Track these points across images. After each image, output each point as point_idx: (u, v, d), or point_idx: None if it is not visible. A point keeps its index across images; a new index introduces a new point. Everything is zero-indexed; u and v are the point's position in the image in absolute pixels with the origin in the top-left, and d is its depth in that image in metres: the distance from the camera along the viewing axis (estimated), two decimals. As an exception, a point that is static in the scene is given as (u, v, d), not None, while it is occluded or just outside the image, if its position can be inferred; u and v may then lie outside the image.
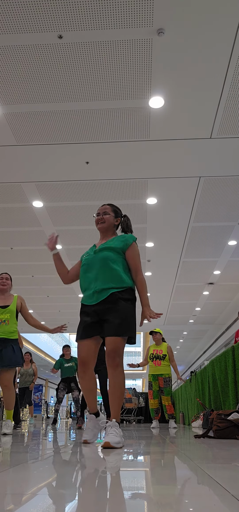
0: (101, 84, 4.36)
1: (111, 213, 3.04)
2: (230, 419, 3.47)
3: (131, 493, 1.06)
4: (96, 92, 4.48)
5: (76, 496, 1.03)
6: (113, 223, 3.05)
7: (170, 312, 13.61)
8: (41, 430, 5.79)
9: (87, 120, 4.91)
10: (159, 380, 6.30)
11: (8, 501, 0.97)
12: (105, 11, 3.58)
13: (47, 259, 9.27)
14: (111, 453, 2.10)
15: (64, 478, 1.31)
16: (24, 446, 2.73)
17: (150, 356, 6.39)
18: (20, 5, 3.52)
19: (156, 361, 6.29)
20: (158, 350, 6.34)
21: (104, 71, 4.20)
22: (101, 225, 3.01)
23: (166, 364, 6.27)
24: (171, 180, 6.20)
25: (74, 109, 4.72)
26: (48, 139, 5.26)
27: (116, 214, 3.09)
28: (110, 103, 4.63)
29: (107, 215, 3.02)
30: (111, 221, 3.02)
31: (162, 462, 1.79)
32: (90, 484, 1.20)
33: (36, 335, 20.08)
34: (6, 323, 4.22)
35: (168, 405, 6.22)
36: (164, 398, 6.23)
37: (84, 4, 3.53)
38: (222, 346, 15.67)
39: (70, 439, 3.65)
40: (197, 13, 3.62)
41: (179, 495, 1.04)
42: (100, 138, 5.24)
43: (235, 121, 4.93)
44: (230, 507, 0.90)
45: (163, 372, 6.24)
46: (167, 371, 6.27)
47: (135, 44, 3.89)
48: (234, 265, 9.65)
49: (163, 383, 6.22)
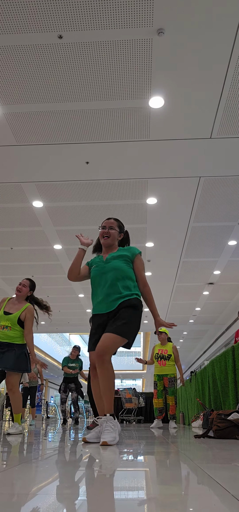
0: (101, 84, 4.36)
1: (117, 229, 3.16)
2: (230, 419, 3.47)
3: (130, 493, 1.06)
4: (97, 92, 4.47)
5: (76, 496, 1.03)
6: (117, 238, 3.16)
7: (170, 312, 13.61)
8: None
9: (87, 120, 4.91)
10: (164, 380, 6.30)
11: (8, 501, 0.97)
12: (105, 11, 3.58)
13: (47, 259, 9.27)
14: (111, 453, 2.10)
15: (64, 478, 1.31)
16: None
17: (155, 356, 6.40)
18: (20, 5, 3.52)
19: (160, 361, 6.29)
20: (163, 350, 6.34)
21: (104, 71, 4.20)
22: (106, 240, 3.10)
23: (171, 364, 6.27)
24: (171, 180, 6.20)
25: (74, 109, 4.72)
26: (48, 139, 5.26)
27: (121, 229, 3.20)
28: (110, 103, 4.63)
29: (113, 230, 3.12)
30: (116, 236, 3.13)
31: (162, 462, 1.79)
32: (90, 484, 1.20)
33: (36, 335, 19.98)
34: (8, 329, 4.22)
35: (172, 405, 6.23)
36: (169, 398, 6.23)
37: (84, 4, 3.53)
38: (222, 346, 15.67)
39: (70, 439, 3.65)
40: (197, 13, 3.62)
41: (179, 495, 1.04)
42: (100, 138, 5.24)
43: (235, 121, 4.93)
44: (230, 507, 0.90)
45: (168, 372, 6.25)
46: (172, 371, 6.27)
47: (135, 44, 3.89)
48: (234, 265, 9.65)
49: (167, 383, 6.23)
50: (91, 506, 0.91)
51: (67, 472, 1.44)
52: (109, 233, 3.10)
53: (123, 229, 3.24)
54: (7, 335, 4.20)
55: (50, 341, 23.82)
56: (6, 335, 4.20)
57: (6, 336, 4.19)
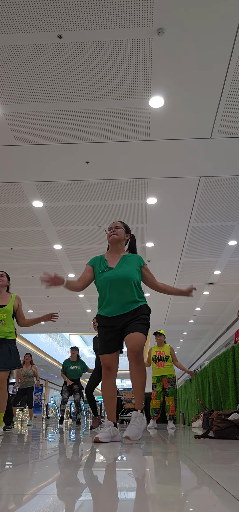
0: (102, 84, 4.36)
1: (123, 228, 3.31)
2: (230, 419, 3.47)
3: (130, 493, 1.06)
4: (97, 92, 4.47)
5: (76, 496, 1.02)
6: (124, 237, 3.30)
7: (170, 312, 13.61)
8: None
9: (87, 120, 4.91)
10: (163, 381, 6.30)
11: (8, 501, 0.97)
12: (105, 11, 3.58)
13: (47, 259, 9.27)
14: (112, 453, 2.10)
15: (63, 478, 1.31)
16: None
17: (152, 357, 6.39)
18: (20, 5, 3.52)
19: (159, 362, 6.30)
20: (160, 352, 6.35)
21: (104, 71, 4.20)
22: (113, 236, 3.24)
23: (169, 364, 6.29)
24: (171, 180, 6.20)
25: (74, 109, 4.72)
26: (48, 139, 5.26)
27: (127, 230, 3.37)
28: (110, 103, 4.63)
29: (119, 229, 3.28)
30: (122, 235, 3.28)
31: (162, 462, 1.78)
32: (89, 484, 1.20)
33: (36, 335, 20.08)
34: (3, 323, 4.15)
35: (172, 405, 6.22)
36: (169, 399, 6.23)
37: (84, 4, 3.53)
38: (222, 346, 15.67)
39: (70, 439, 3.65)
40: (197, 13, 3.62)
41: (179, 495, 1.04)
42: (100, 138, 5.24)
43: (235, 121, 4.93)
44: (230, 507, 0.90)
45: (167, 373, 6.25)
46: (171, 371, 6.29)
47: (134, 44, 3.89)
48: (234, 265, 9.65)
49: (167, 384, 6.23)
50: (91, 506, 0.91)
51: (67, 472, 1.44)
52: (116, 231, 3.25)
53: (129, 230, 3.39)
54: (3, 330, 4.13)
55: (50, 341, 23.80)
56: (1, 330, 4.13)
57: (1, 331, 4.12)
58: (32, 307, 13.12)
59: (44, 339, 22.04)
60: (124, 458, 1.89)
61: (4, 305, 4.23)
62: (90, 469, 1.52)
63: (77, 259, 9.18)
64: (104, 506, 0.92)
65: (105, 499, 0.99)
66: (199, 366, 21.27)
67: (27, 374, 8.82)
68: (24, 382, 8.78)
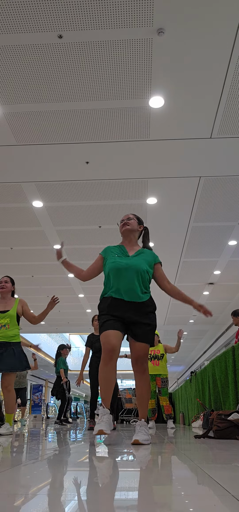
0: (102, 84, 4.36)
1: (135, 219, 3.31)
2: (230, 419, 3.47)
3: (130, 493, 1.06)
4: (96, 92, 4.47)
5: (75, 496, 1.02)
6: (137, 228, 3.30)
7: (170, 312, 13.61)
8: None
9: (87, 120, 4.91)
10: (156, 380, 6.33)
11: (8, 501, 0.97)
12: (105, 11, 3.58)
13: (47, 259, 9.27)
14: (111, 452, 2.10)
15: (63, 478, 1.31)
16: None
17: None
18: (20, 5, 3.52)
19: (154, 361, 6.34)
20: (155, 351, 6.40)
21: (104, 71, 4.20)
22: (126, 227, 3.24)
23: (163, 364, 6.34)
24: (171, 180, 6.20)
25: (74, 109, 4.72)
26: (48, 139, 5.26)
27: (139, 221, 3.36)
28: (110, 103, 4.63)
29: (131, 220, 3.27)
30: (135, 226, 3.27)
31: (162, 462, 1.78)
32: (89, 484, 1.20)
33: (36, 335, 20.07)
34: (7, 328, 4.24)
35: (166, 405, 6.24)
36: (162, 399, 6.26)
37: (84, 4, 3.53)
38: (222, 346, 15.66)
39: (70, 439, 3.65)
40: (197, 13, 3.62)
41: (179, 495, 1.04)
42: (100, 138, 5.24)
43: (235, 121, 4.93)
44: (230, 507, 0.90)
45: (161, 372, 6.30)
46: (165, 371, 6.36)
47: (134, 44, 3.89)
48: (234, 265, 9.65)
49: (160, 384, 6.26)
50: (90, 507, 0.91)
51: (66, 472, 1.44)
52: (128, 222, 3.24)
53: (141, 221, 3.38)
54: (7, 334, 4.21)
55: (50, 341, 23.80)
56: (5, 333, 4.20)
57: (5, 335, 4.20)
58: (32, 307, 13.09)
59: (44, 339, 22.02)
60: (124, 459, 1.89)
61: (7, 310, 4.31)
62: (90, 469, 1.52)
63: (77, 259, 9.17)
64: (104, 506, 0.92)
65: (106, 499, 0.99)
66: (199, 366, 21.26)
67: (21, 374, 8.66)
68: (17, 382, 8.60)
